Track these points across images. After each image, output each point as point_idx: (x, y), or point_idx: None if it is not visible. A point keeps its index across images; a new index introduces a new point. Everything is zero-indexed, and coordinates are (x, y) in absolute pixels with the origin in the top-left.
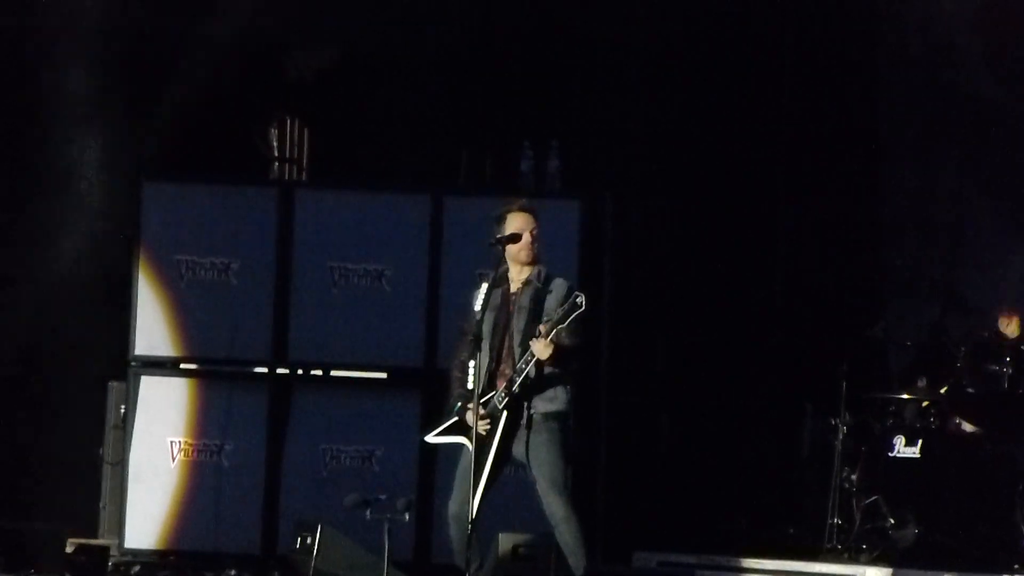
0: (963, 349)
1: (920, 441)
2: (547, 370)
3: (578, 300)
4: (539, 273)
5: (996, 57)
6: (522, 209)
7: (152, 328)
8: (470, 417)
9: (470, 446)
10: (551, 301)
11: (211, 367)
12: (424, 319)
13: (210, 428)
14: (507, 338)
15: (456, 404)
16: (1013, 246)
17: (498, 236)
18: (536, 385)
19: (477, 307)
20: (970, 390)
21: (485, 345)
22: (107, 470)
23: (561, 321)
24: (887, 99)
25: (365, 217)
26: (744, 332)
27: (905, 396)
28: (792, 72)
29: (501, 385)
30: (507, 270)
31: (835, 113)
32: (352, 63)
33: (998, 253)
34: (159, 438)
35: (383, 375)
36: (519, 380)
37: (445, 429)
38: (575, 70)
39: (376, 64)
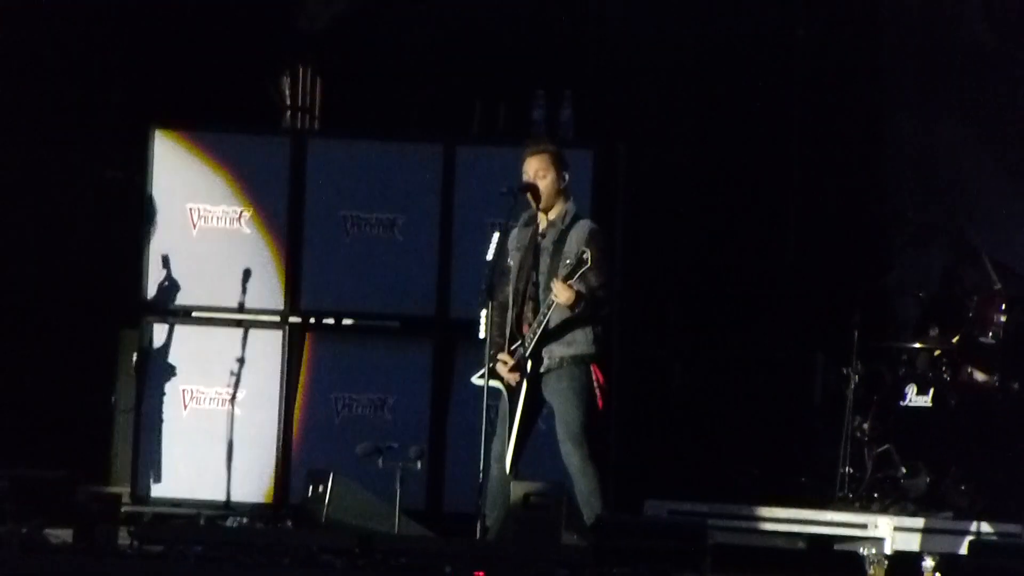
0: (975, 298)
1: (932, 390)
2: (565, 315)
3: (584, 256)
4: (565, 214)
5: (994, 6)
6: (535, 153)
7: (164, 276)
8: (499, 367)
9: (506, 393)
10: (570, 243)
11: (223, 315)
12: (436, 268)
13: (222, 377)
14: (530, 280)
15: (489, 351)
16: (1016, 195)
17: (509, 186)
18: (556, 331)
19: (489, 257)
20: (982, 339)
21: (510, 287)
22: (119, 418)
23: (569, 276)
24: (891, 51)
25: (377, 166)
26: (756, 281)
27: (917, 345)
28: (802, 22)
29: (526, 329)
30: (536, 212)
31: (841, 64)
32: (364, 12)
33: (1001, 203)
34: (171, 386)
35: (395, 324)
36: (540, 329)
37: (487, 372)
38: (588, 19)
39: (388, 13)
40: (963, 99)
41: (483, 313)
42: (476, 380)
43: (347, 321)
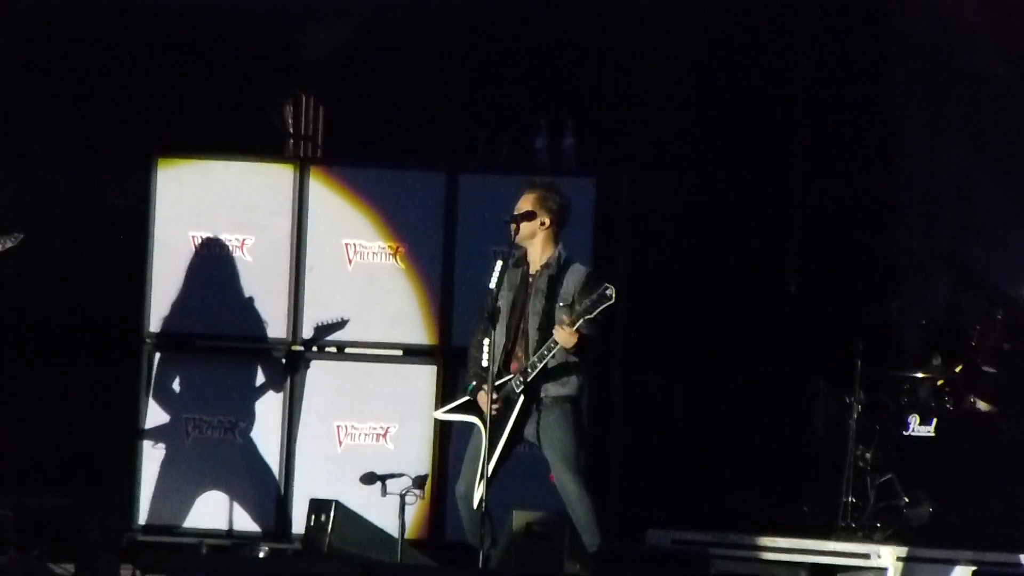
0: (977, 327)
1: (934, 420)
2: (563, 356)
3: (607, 292)
4: (559, 256)
5: (1002, 36)
6: (532, 190)
7: (166, 305)
8: (483, 398)
9: (482, 426)
10: (567, 286)
11: (225, 344)
12: (439, 296)
13: (224, 405)
14: (523, 320)
15: (471, 383)
16: (1021, 223)
17: (513, 215)
18: (550, 370)
19: (492, 285)
20: (985, 368)
21: (501, 325)
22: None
23: (588, 312)
24: (895, 78)
25: (380, 194)
26: (759, 310)
27: (920, 375)
28: (805, 51)
29: (515, 367)
30: (526, 251)
31: (846, 92)
32: (368, 40)
33: (1007, 231)
34: (173, 415)
35: (398, 352)
36: (539, 365)
37: (457, 407)
38: (591, 48)
39: (392, 41)
40: (970, 126)
41: (485, 341)
42: (441, 415)
43: (349, 349)
